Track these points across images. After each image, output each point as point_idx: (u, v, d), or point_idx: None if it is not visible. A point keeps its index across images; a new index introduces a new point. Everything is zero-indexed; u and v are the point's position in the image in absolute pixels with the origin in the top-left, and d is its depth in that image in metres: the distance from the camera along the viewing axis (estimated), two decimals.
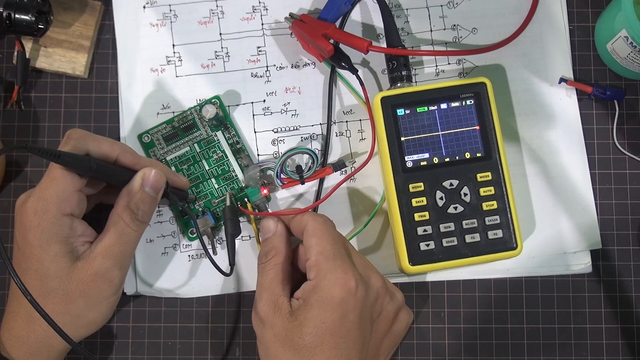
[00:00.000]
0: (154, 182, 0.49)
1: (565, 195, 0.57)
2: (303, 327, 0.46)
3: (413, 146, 0.53)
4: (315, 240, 0.48)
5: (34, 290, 0.47)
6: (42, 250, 0.47)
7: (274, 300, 0.48)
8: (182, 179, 0.54)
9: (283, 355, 0.46)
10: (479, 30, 0.58)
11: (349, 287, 0.46)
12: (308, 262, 0.48)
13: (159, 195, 0.50)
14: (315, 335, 0.46)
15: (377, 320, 0.49)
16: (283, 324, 0.47)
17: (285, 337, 0.46)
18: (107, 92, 0.58)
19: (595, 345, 0.56)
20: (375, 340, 0.49)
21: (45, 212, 0.47)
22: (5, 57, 0.59)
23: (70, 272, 0.47)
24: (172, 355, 0.56)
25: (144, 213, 0.49)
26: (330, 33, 0.55)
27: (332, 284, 0.46)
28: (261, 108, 0.58)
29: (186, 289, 0.56)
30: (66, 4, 0.58)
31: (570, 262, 0.56)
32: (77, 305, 0.48)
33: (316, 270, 0.47)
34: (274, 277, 0.49)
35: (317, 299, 0.46)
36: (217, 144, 0.57)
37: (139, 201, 0.49)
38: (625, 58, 0.55)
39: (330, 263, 0.47)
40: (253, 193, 0.55)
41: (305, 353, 0.46)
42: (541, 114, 0.57)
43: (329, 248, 0.48)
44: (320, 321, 0.46)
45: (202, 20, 0.59)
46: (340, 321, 0.46)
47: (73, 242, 0.48)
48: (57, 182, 0.47)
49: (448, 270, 0.56)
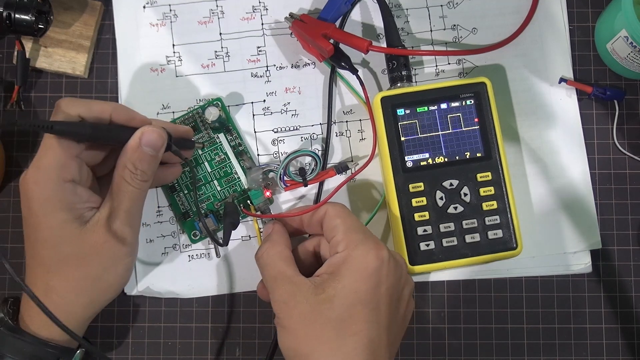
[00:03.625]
0: (152, 140, 0.48)
1: (565, 195, 0.57)
2: (333, 299, 0.45)
3: (413, 146, 0.53)
4: (340, 220, 0.48)
5: (47, 259, 0.47)
6: (48, 218, 0.47)
7: (292, 281, 0.47)
8: (183, 127, 0.53)
9: (312, 331, 0.45)
10: (479, 30, 0.58)
11: (382, 256, 0.46)
12: (335, 238, 0.48)
13: (160, 152, 0.48)
14: (347, 306, 0.45)
15: (400, 299, 0.48)
16: (308, 299, 0.45)
17: (312, 312, 0.45)
18: (107, 92, 0.58)
19: (595, 345, 0.56)
20: (397, 320, 0.48)
21: (46, 181, 0.46)
22: (5, 57, 0.59)
23: (82, 235, 0.47)
24: (172, 355, 0.56)
25: (143, 172, 0.48)
26: (330, 33, 0.55)
27: (366, 253, 0.46)
28: (261, 108, 0.58)
29: (186, 289, 0.56)
30: (66, 4, 0.58)
31: (570, 262, 0.56)
32: (93, 268, 0.48)
33: (346, 242, 0.47)
34: (282, 263, 0.48)
35: (348, 269, 0.46)
36: (219, 146, 0.57)
37: (137, 160, 0.47)
38: (625, 58, 0.55)
39: (361, 235, 0.47)
40: (256, 195, 0.55)
41: (336, 326, 0.45)
42: (541, 114, 0.57)
43: (357, 224, 0.48)
44: (352, 290, 0.45)
45: (202, 20, 0.59)
46: (373, 292, 0.45)
47: (79, 208, 0.48)
48: (53, 150, 0.46)
49: (448, 270, 0.56)
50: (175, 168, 0.53)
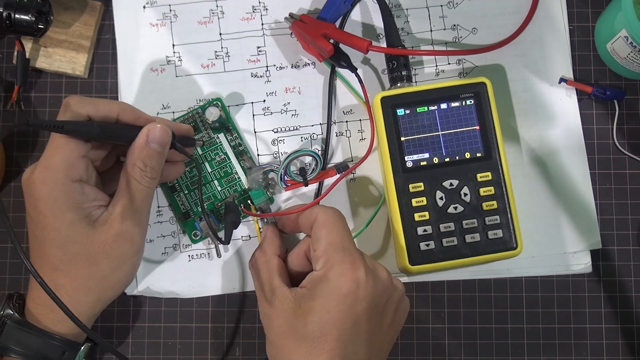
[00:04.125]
0: (159, 137, 0.48)
1: (565, 195, 0.57)
2: (307, 316, 0.46)
3: (413, 146, 0.53)
4: (325, 232, 0.48)
5: (55, 258, 0.47)
6: (56, 219, 0.47)
7: (275, 292, 0.48)
8: (184, 126, 0.54)
9: (287, 346, 0.46)
10: (479, 30, 0.58)
11: (358, 278, 0.46)
12: (316, 252, 0.48)
13: (166, 149, 0.49)
14: (319, 325, 0.45)
15: (384, 311, 0.48)
16: (286, 313, 0.46)
17: (288, 327, 0.46)
18: (107, 92, 0.58)
19: (595, 345, 0.56)
20: (383, 331, 0.48)
21: (55, 181, 0.46)
22: (5, 57, 0.59)
23: (91, 235, 0.47)
24: (172, 355, 0.56)
25: (152, 169, 0.49)
26: (330, 33, 0.55)
27: (340, 275, 0.46)
28: (261, 108, 0.58)
29: (186, 289, 0.56)
30: (66, 4, 0.58)
31: (570, 262, 0.56)
32: (101, 268, 0.48)
33: (324, 260, 0.47)
34: (269, 272, 0.49)
35: (323, 289, 0.46)
36: (220, 147, 0.57)
37: (146, 157, 0.48)
38: (625, 58, 0.55)
39: (339, 254, 0.47)
40: (256, 195, 0.55)
41: (309, 343, 0.45)
42: (541, 114, 0.57)
43: (339, 240, 0.48)
44: (324, 311, 0.46)
45: (202, 20, 0.59)
46: (347, 313, 0.46)
47: (87, 207, 0.48)
48: (61, 150, 0.47)
49: (448, 270, 0.56)
50: (179, 166, 0.54)
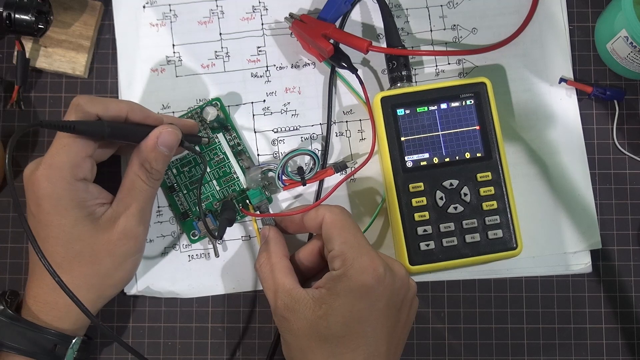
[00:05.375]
0: (169, 141, 0.49)
1: (565, 196, 0.57)
2: (329, 317, 0.45)
3: (413, 146, 0.53)
4: (336, 232, 0.48)
5: (58, 256, 0.47)
6: (60, 216, 0.47)
7: (290, 295, 0.47)
8: (190, 122, 0.54)
9: (309, 348, 0.46)
10: (479, 30, 0.58)
11: (378, 275, 0.46)
12: (331, 252, 0.48)
13: (173, 151, 0.50)
14: (343, 325, 0.45)
15: (401, 308, 0.48)
16: (306, 315, 0.46)
17: (310, 328, 0.46)
18: (107, 92, 0.58)
19: (595, 345, 0.56)
20: (399, 327, 0.48)
21: (59, 179, 0.47)
22: (5, 57, 0.59)
23: (95, 233, 0.48)
24: (172, 355, 0.56)
25: (158, 171, 0.49)
26: (330, 33, 0.55)
27: (361, 272, 0.46)
28: (261, 108, 0.58)
29: (186, 289, 0.56)
30: (66, 4, 0.58)
31: (570, 262, 0.56)
32: (104, 265, 0.48)
33: (342, 259, 0.47)
34: (281, 273, 0.49)
35: (344, 288, 0.46)
36: (218, 146, 0.57)
37: (153, 160, 0.49)
38: (625, 58, 0.55)
39: (356, 251, 0.47)
40: (255, 195, 0.55)
41: (333, 342, 0.45)
42: (541, 114, 0.57)
43: (352, 238, 0.48)
44: (347, 309, 0.45)
45: (202, 20, 0.59)
46: (369, 309, 0.46)
47: (90, 205, 0.48)
48: (68, 149, 0.47)
49: (448, 270, 0.56)
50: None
